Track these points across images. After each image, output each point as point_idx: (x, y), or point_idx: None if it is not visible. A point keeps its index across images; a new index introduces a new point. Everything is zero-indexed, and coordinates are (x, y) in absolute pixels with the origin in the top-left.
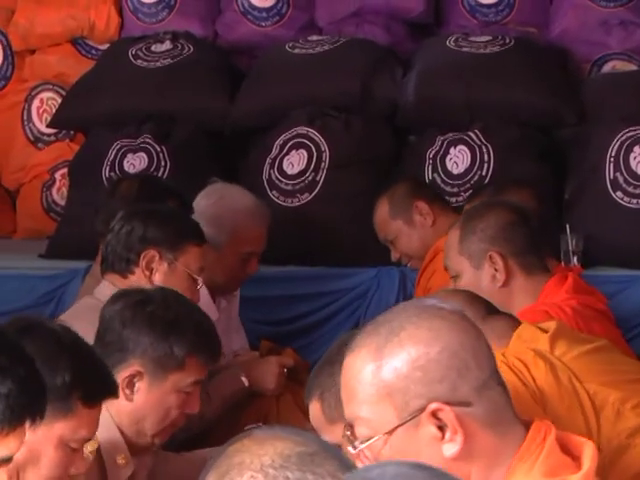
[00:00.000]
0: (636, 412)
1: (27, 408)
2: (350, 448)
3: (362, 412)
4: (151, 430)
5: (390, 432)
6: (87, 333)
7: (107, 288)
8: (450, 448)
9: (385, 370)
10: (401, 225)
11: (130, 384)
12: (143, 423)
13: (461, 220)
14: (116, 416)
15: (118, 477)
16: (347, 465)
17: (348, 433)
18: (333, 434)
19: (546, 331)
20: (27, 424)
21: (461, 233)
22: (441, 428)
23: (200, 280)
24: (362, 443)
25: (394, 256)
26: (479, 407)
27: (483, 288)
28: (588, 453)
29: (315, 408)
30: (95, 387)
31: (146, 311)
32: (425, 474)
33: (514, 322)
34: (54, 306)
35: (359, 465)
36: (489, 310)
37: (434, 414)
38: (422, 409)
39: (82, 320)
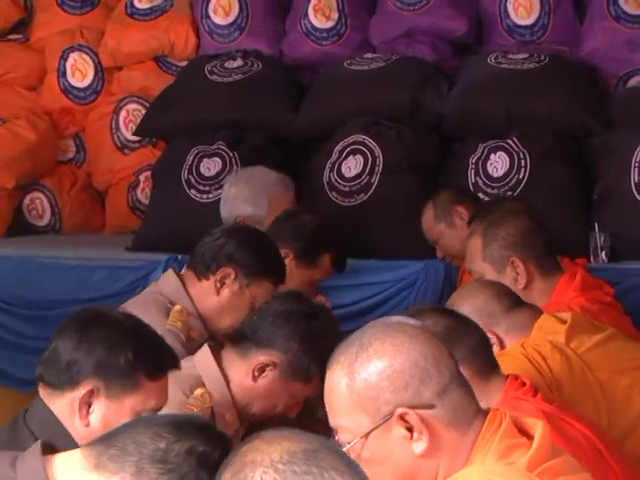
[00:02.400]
0: None
1: None
2: None
3: (342, 421)
4: (257, 411)
5: (366, 436)
6: (147, 318)
7: (171, 281)
8: (418, 446)
9: (357, 382)
10: (444, 228)
11: (262, 369)
12: (253, 404)
13: (482, 228)
14: (234, 386)
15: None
16: (346, 459)
17: (335, 438)
18: None
19: (564, 321)
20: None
21: (483, 241)
22: (409, 429)
23: None
24: (344, 447)
25: (439, 255)
26: (441, 409)
27: None
28: (539, 431)
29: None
30: (157, 361)
31: (311, 324)
32: None
33: (536, 313)
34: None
35: None
36: (515, 302)
37: (402, 417)
38: (391, 414)
39: (143, 308)
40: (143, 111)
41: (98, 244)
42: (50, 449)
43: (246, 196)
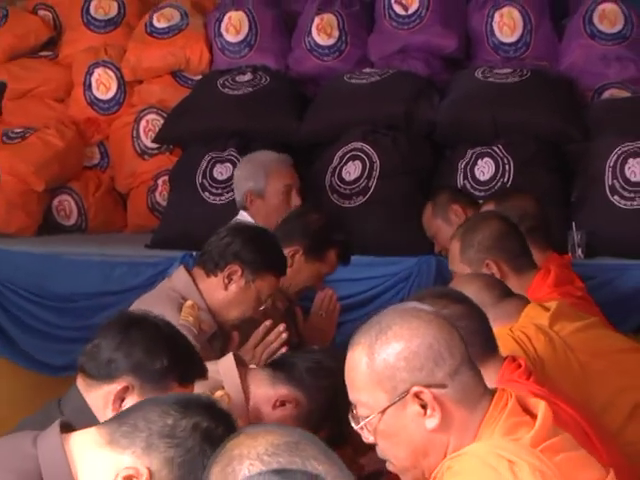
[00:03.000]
0: (621, 374)
1: None
2: (354, 424)
3: (361, 397)
4: None
5: (383, 411)
6: (161, 312)
7: (183, 276)
8: (431, 422)
9: (376, 362)
10: (441, 224)
11: (284, 403)
12: None
13: (460, 233)
14: (252, 403)
15: None
16: (324, 449)
17: (354, 412)
18: None
19: (548, 309)
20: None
21: (461, 245)
22: (423, 406)
23: (264, 305)
24: (362, 420)
25: (436, 249)
26: (452, 388)
27: None
28: (541, 411)
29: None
30: (188, 370)
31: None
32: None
33: (524, 303)
34: None
35: (364, 438)
36: (505, 292)
37: (417, 395)
38: (407, 392)
39: (159, 304)
40: (161, 121)
41: (120, 242)
42: (68, 428)
43: (247, 174)
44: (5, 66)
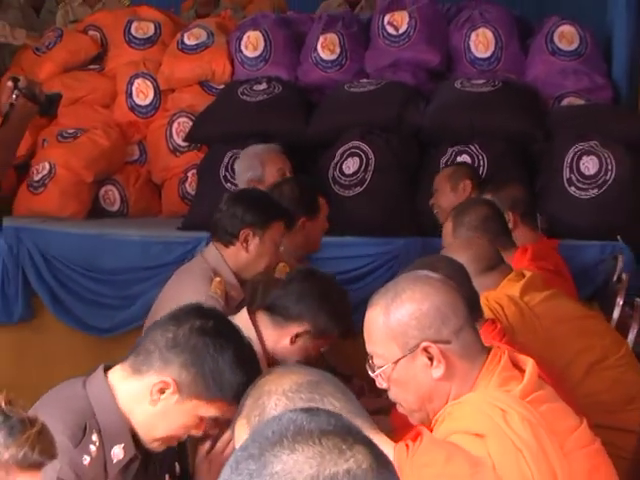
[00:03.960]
0: (579, 337)
1: None
2: (370, 372)
3: (377, 349)
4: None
5: (396, 362)
6: (195, 284)
7: (212, 251)
8: (436, 372)
9: (391, 320)
10: (448, 188)
11: (297, 336)
12: (287, 360)
13: (453, 215)
14: (269, 345)
15: None
16: (342, 388)
17: (370, 362)
18: None
19: (524, 276)
20: None
21: (453, 225)
22: (430, 359)
23: (281, 248)
24: (378, 369)
25: (431, 201)
26: (456, 344)
27: None
28: (529, 368)
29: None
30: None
31: (329, 296)
32: (311, 417)
33: (504, 274)
34: None
35: (378, 384)
36: (491, 263)
37: (425, 349)
38: (417, 346)
39: (193, 277)
40: (191, 123)
41: (156, 225)
42: (107, 369)
43: (245, 166)
44: (60, 77)
